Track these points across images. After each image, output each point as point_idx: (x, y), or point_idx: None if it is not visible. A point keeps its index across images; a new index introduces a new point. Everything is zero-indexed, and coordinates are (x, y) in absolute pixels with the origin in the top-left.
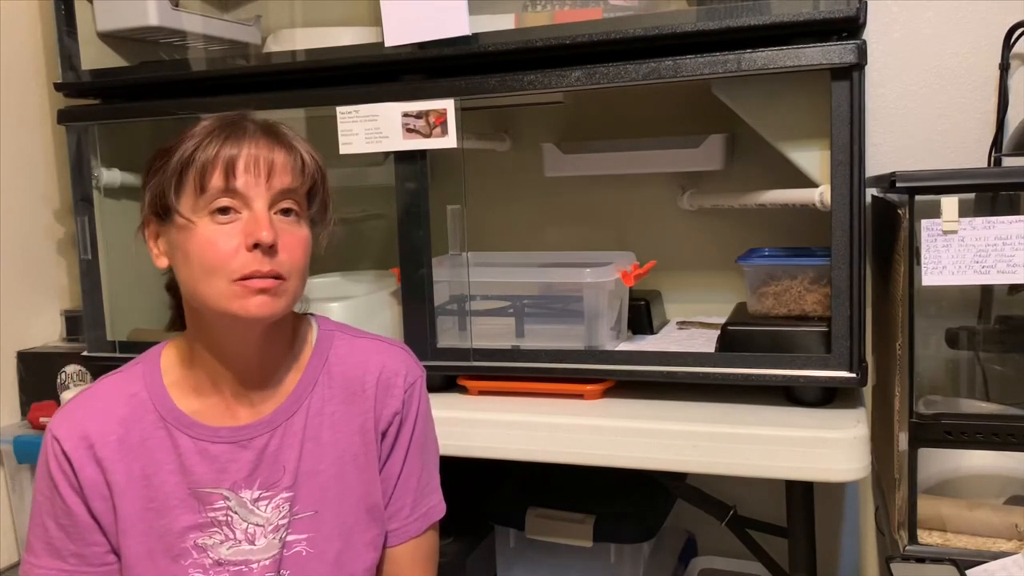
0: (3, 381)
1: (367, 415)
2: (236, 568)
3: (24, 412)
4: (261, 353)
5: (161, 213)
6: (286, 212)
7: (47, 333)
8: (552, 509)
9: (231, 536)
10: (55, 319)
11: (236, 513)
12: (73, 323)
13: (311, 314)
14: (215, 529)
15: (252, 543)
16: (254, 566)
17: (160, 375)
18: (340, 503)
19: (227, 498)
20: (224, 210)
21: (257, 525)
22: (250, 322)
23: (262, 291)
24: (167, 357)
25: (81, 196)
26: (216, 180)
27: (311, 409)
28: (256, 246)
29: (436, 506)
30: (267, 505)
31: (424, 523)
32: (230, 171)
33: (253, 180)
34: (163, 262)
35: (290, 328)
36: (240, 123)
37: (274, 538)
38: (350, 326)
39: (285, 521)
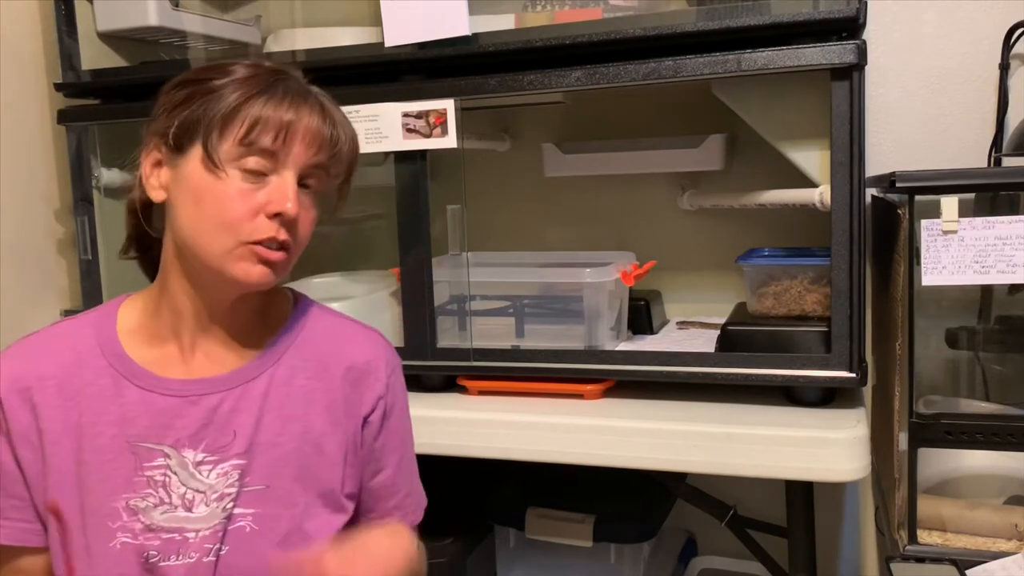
0: None
1: (335, 395)
2: (168, 535)
3: None
4: (232, 309)
5: (177, 145)
6: (306, 186)
7: None
8: (552, 509)
9: (166, 500)
10: (55, 319)
11: (175, 474)
12: None
13: (289, 288)
14: (149, 491)
15: (189, 510)
16: (190, 535)
17: (114, 323)
18: (294, 481)
19: (168, 455)
20: (256, 171)
21: (197, 491)
22: (242, 286)
23: (266, 262)
24: (127, 306)
25: (81, 196)
26: (265, 140)
27: (275, 379)
28: (277, 215)
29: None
30: (211, 471)
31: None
32: (283, 136)
33: (301, 150)
34: (160, 195)
35: (264, 292)
36: (296, 86)
37: (217, 507)
38: (327, 306)
39: (232, 491)
